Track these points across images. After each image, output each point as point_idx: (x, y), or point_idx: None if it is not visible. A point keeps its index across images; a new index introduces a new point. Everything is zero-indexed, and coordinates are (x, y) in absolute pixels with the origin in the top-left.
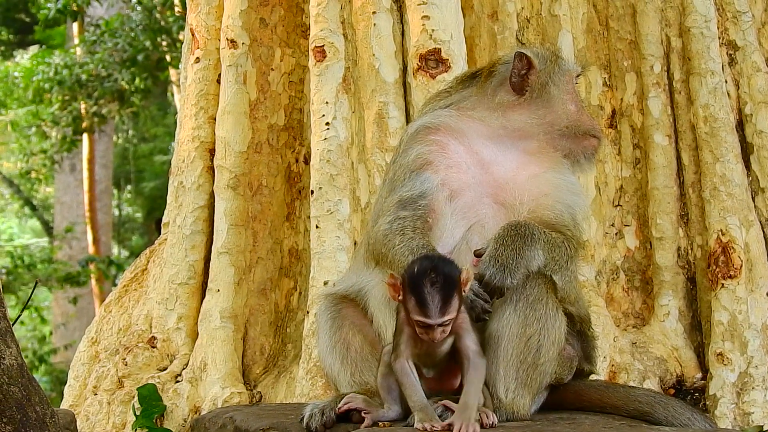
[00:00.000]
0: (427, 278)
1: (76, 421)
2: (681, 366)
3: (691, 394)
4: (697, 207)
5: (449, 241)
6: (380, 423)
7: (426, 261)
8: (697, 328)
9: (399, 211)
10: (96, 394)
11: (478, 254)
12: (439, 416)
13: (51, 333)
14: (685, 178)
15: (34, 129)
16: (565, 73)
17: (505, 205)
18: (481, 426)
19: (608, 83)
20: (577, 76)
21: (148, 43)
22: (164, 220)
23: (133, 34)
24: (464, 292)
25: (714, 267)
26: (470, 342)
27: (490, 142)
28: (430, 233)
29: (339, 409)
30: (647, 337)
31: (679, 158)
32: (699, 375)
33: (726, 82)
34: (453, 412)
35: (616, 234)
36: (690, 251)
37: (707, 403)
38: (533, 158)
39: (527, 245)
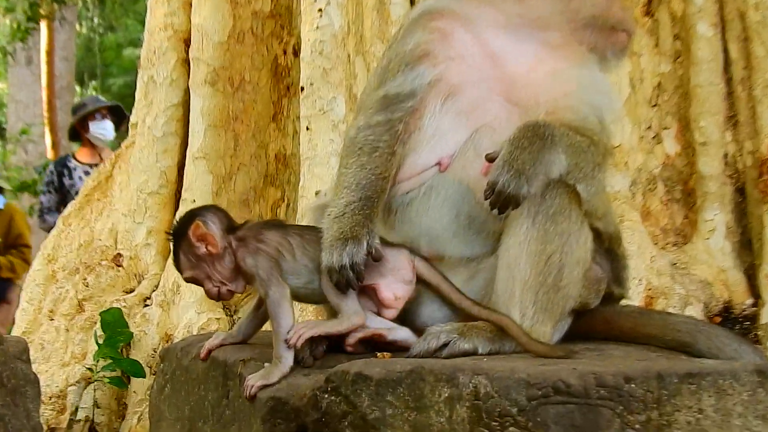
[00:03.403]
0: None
1: (29, 350)
2: (728, 290)
3: (740, 323)
4: (747, 107)
5: (450, 145)
6: (377, 354)
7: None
8: (747, 246)
9: (375, 115)
10: (52, 320)
11: (489, 159)
12: None
13: None
14: (734, 73)
15: None
16: None
17: (520, 104)
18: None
19: None
20: None
21: None
22: (132, 120)
23: None
24: (197, 245)
25: (766, 176)
26: (261, 288)
27: (503, 32)
28: (406, 145)
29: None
30: (689, 257)
31: (726, 51)
32: (749, 301)
33: None
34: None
35: (653, 138)
36: (739, 158)
37: (758, 333)
38: (554, 52)
39: (547, 148)
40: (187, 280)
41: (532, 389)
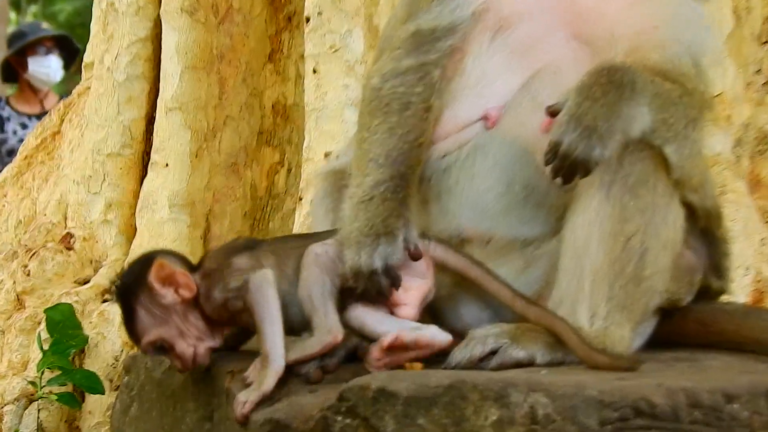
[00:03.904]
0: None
1: None
2: None
3: None
4: None
5: (500, 94)
6: (405, 365)
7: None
8: None
9: (404, 58)
10: None
11: (551, 112)
12: None
13: None
14: None
15: None
16: None
17: (590, 41)
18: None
19: None
20: None
21: None
22: (87, 59)
23: None
24: (162, 292)
25: None
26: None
27: None
28: (444, 95)
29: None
30: None
31: None
32: None
33: None
34: None
35: (763, 85)
36: None
37: None
38: None
39: (625, 99)
40: (150, 346)
41: (606, 411)
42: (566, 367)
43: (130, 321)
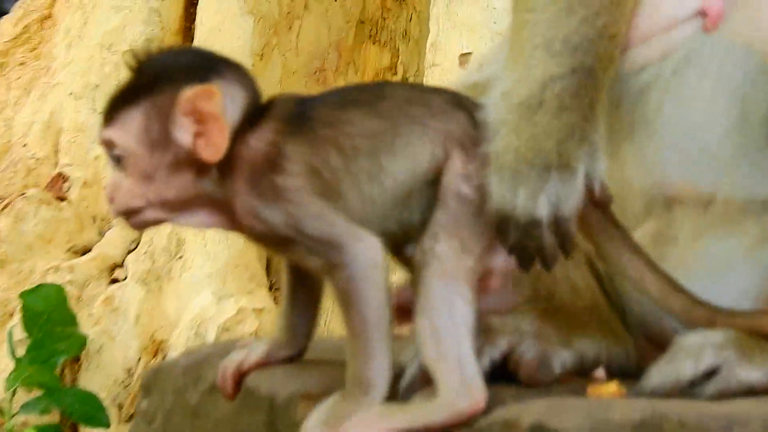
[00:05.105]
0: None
1: None
2: None
3: None
4: None
5: None
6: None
7: None
8: None
9: None
10: None
11: None
12: None
13: None
14: None
15: None
16: None
17: None
18: None
19: None
20: None
21: None
22: None
23: None
24: (180, 119)
25: None
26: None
27: None
28: None
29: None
30: None
31: None
32: None
33: None
34: None
35: None
36: None
37: None
38: None
39: None
40: (105, 146)
41: None
42: None
43: (111, 103)
